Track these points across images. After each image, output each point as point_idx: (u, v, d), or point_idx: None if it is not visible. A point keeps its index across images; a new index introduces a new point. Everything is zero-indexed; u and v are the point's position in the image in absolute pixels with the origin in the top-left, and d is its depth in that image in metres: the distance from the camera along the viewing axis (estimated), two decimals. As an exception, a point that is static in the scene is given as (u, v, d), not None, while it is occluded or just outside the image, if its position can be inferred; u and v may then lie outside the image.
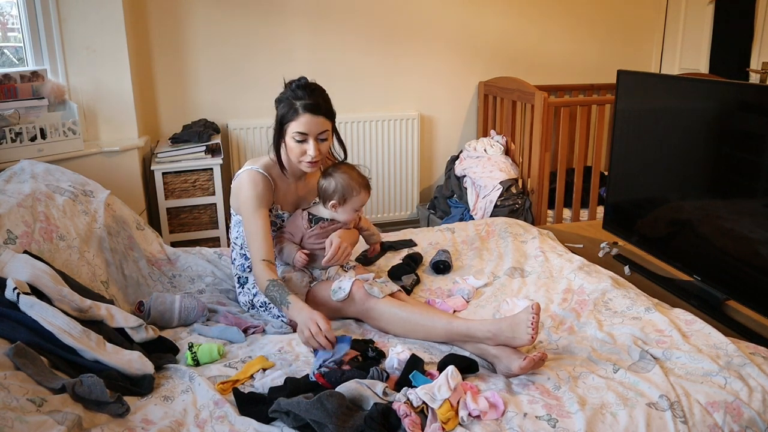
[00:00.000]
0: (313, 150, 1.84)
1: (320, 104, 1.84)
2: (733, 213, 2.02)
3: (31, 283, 1.57)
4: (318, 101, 1.84)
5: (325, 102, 1.87)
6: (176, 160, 2.96)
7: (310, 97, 1.83)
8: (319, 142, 1.86)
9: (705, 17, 3.74)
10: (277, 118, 1.88)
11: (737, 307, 2.05)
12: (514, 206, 3.21)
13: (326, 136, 1.88)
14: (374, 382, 1.42)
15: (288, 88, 1.88)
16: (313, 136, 1.84)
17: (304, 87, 1.85)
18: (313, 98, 1.83)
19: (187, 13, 3.27)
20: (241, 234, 2.07)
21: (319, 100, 1.84)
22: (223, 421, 1.36)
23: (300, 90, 1.84)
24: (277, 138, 1.91)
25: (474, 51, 3.82)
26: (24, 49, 2.80)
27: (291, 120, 1.84)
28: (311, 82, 1.89)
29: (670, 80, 2.53)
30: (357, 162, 3.63)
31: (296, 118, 1.83)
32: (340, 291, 1.85)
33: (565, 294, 2.00)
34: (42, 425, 1.19)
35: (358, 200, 1.97)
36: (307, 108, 1.82)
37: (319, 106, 1.83)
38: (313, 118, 1.83)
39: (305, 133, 1.83)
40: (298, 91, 1.84)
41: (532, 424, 1.35)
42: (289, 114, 1.84)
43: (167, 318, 1.87)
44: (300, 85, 1.86)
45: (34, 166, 2.17)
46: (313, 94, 1.84)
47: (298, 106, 1.82)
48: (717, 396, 1.43)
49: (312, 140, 1.84)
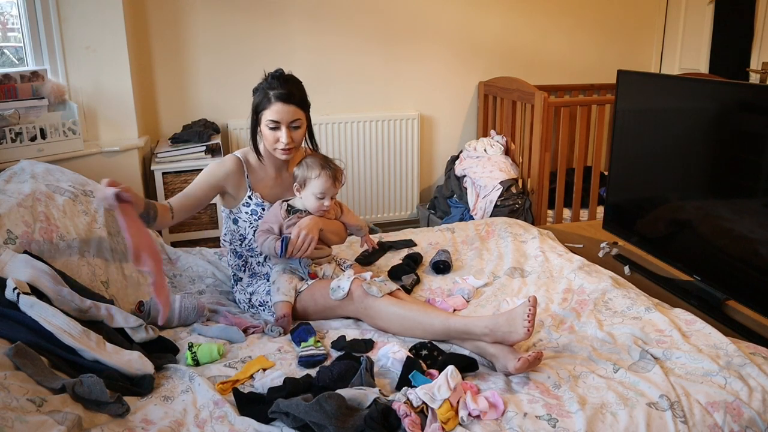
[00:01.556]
0: (286, 137, 1.91)
1: (293, 93, 1.91)
2: (733, 213, 2.02)
3: (31, 283, 1.57)
4: (291, 90, 1.91)
5: (298, 91, 1.94)
6: (176, 160, 2.96)
7: (283, 86, 1.90)
8: (291, 130, 1.92)
9: (705, 17, 3.74)
10: (253, 106, 1.95)
11: (737, 307, 2.05)
12: (514, 206, 3.21)
13: (299, 124, 1.94)
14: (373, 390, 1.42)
15: (264, 79, 1.95)
16: (286, 124, 1.91)
17: (278, 77, 1.92)
18: (286, 88, 1.90)
19: (187, 13, 3.27)
20: (229, 230, 2.08)
21: (293, 90, 1.92)
22: (223, 421, 1.36)
23: (274, 80, 1.92)
24: (254, 126, 1.98)
25: (474, 51, 3.82)
26: (24, 49, 2.80)
27: (264, 108, 1.92)
28: (287, 74, 1.96)
29: (670, 80, 2.53)
30: (357, 162, 3.66)
31: (269, 107, 1.90)
32: (339, 290, 1.85)
33: (565, 294, 2.00)
34: (42, 425, 1.19)
35: (318, 183, 1.93)
36: (280, 97, 1.89)
37: (291, 95, 1.90)
38: (285, 107, 1.90)
39: (278, 120, 1.90)
40: (272, 81, 1.92)
41: (532, 423, 1.35)
42: (263, 102, 1.92)
43: (167, 318, 1.86)
44: (275, 75, 1.93)
45: (34, 166, 2.17)
46: (287, 84, 1.91)
47: (272, 95, 1.90)
48: (717, 396, 1.43)
49: (284, 128, 1.91)
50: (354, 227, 2.16)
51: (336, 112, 3.62)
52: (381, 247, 2.41)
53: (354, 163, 3.66)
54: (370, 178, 3.72)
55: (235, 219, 2.06)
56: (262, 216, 2.02)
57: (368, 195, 3.75)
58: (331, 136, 3.58)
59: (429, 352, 1.64)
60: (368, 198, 3.76)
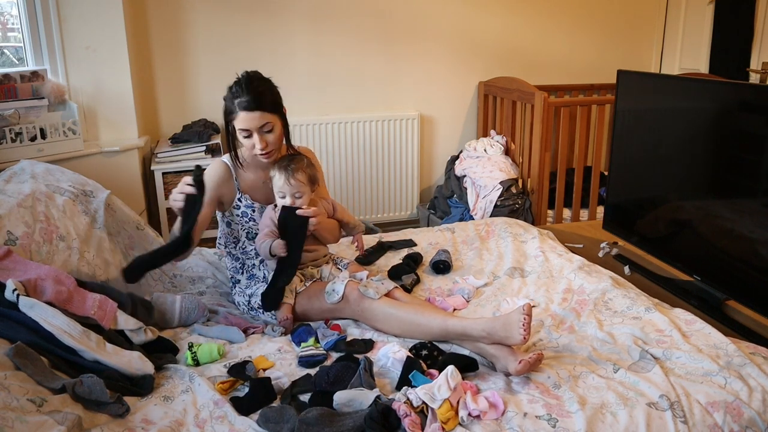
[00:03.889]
0: (259, 143, 1.89)
1: (256, 99, 1.85)
2: (733, 213, 2.02)
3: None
4: (253, 97, 1.85)
5: (261, 95, 1.87)
6: (176, 160, 2.96)
7: (245, 93, 1.85)
8: (263, 135, 1.89)
9: (705, 17, 3.74)
10: (223, 116, 1.93)
11: (737, 307, 2.05)
12: (514, 206, 3.21)
13: (269, 128, 1.89)
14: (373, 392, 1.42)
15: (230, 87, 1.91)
16: (256, 131, 1.88)
17: (240, 84, 1.87)
18: (248, 95, 1.85)
19: (187, 13, 3.27)
20: (224, 233, 2.08)
21: (255, 96, 1.85)
22: (223, 421, 1.36)
23: (238, 87, 1.87)
24: (230, 135, 1.96)
25: (474, 51, 3.82)
26: (24, 49, 2.80)
27: (232, 119, 1.89)
28: (251, 76, 1.90)
29: (670, 80, 2.53)
30: (357, 162, 3.66)
31: (236, 116, 1.88)
32: (333, 294, 1.85)
33: (565, 294, 2.00)
34: (42, 425, 1.19)
35: (275, 184, 1.94)
36: (243, 106, 1.85)
37: (255, 101, 1.85)
38: (250, 114, 1.85)
39: (247, 129, 1.88)
40: (236, 89, 1.87)
41: (532, 423, 1.35)
42: (228, 113, 1.90)
43: (167, 318, 1.87)
44: (237, 82, 1.88)
45: (34, 166, 2.17)
46: (248, 91, 1.85)
47: (236, 105, 1.86)
48: (717, 396, 1.43)
49: (256, 134, 1.88)
50: (349, 225, 2.14)
51: (336, 112, 3.62)
52: (381, 247, 2.42)
53: (354, 163, 3.67)
54: (370, 178, 3.72)
55: (229, 222, 2.06)
56: (253, 218, 2.02)
57: (368, 195, 3.75)
58: (332, 136, 3.58)
59: (429, 352, 1.64)
60: (368, 198, 3.76)
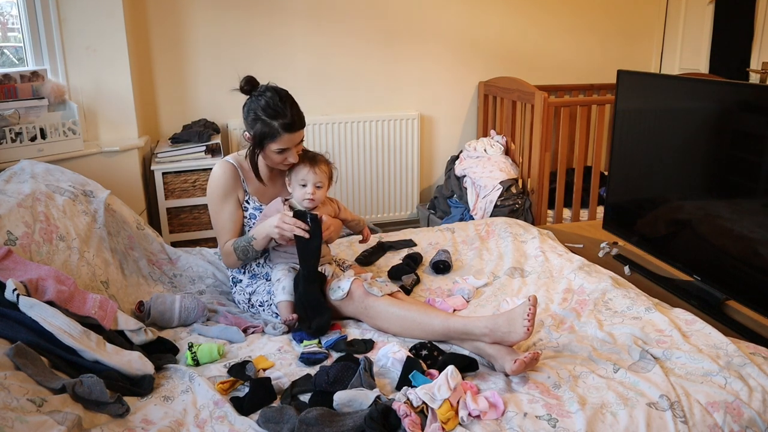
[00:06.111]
0: (294, 157, 1.94)
1: (296, 120, 1.89)
2: (733, 213, 2.02)
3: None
4: (294, 118, 1.88)
5: (298, 113, 1.91)
6: (176, 160, 2.96)
7: (285, 115, 1.86)
8: (298, 146, 1.95)
9: (705, 17, 3.74)
10: (256, 136, 1.90)
11: (737, 307, 2.05)
12: (514, 206, 3.21)
13: (302, 139, 1.96)
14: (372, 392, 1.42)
15: (256, 100, 1.89)
16: (293, 146, 1.92)
17: (275, 104, 1.86)
18: (289, 116, 1.87)
19: (187, 13, 3.27)
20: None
21: (294, 115, 1.89)
22: (223, 421, 1.36)
23: (273, 108, 1.86)
24: (255, 150, 1.95)
25: (474, 51, 3.82)
26: (24, 49, 2.80)
27: (271, 141, 1.89)
28: (281, 93, 1.90)
29: (670, 80, 2.53)
30: (357, 162, 3.66)
31: (278, 138, 1.88)
32: (338, 290, 1.85)
33: (565, 294, 2.00)
34: (42, 425, 1.19)
35: (298, 171, 1.97)
36: (286, 128, 1.87)
37: (295, 122, 1.89)
38: (295, 134, 1.90)
39: (287, 147, 1.91)
40: (271, 109, 1.86)
41: (532, 423, 1.35)
42: (268, 135, 1.88)
43: (167, 318, 1.87)
44: (271, 100, 1.87)
45: (34, 166, 2.17)
46: (287, 109, 1.87)
47: (277, 127, 1.86)
48: (717, 396, 1.43)
49: (292, 149, 1.93)
50: (353, 222, 2.19)
51: (336, 112, 3.62)
52: (381, 247, 2.41)
53: (354, 163, 3.67)
54: (370, 178, 3.72)
55: None
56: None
57: (368, 195, 3.75)
58: (332, 136, 3.58)
59: (429, 352, 1.64)
60: (368, 198, 3.76)
